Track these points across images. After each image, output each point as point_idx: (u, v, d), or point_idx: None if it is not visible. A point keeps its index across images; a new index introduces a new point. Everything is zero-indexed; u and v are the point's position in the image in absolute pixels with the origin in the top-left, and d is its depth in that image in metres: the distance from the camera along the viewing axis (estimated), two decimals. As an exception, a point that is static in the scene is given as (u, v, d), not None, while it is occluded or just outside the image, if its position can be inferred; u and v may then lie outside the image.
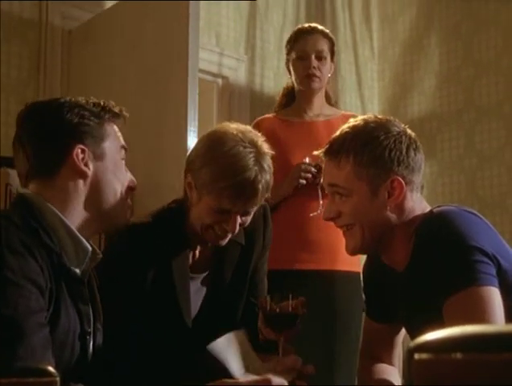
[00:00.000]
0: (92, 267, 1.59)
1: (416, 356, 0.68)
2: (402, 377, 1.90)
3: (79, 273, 1.54)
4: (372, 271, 1.85)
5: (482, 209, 4.41)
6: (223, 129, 1.80)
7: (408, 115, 4.99)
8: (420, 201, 1.68)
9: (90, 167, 1.55)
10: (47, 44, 3.62)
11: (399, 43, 5.19)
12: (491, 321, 1.45)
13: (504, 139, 4.55)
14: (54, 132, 1.53)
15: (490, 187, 4.58)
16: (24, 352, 1.31)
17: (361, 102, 5.13)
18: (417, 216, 1.64)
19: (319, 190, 2.61)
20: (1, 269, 1.34)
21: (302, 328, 2.50)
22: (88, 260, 1.55)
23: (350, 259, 2.46)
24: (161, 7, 3.09)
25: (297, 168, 2.67)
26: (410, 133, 1.67)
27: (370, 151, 1.61)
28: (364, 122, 1.67)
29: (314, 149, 2.63)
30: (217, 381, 1.49)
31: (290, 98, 2.93)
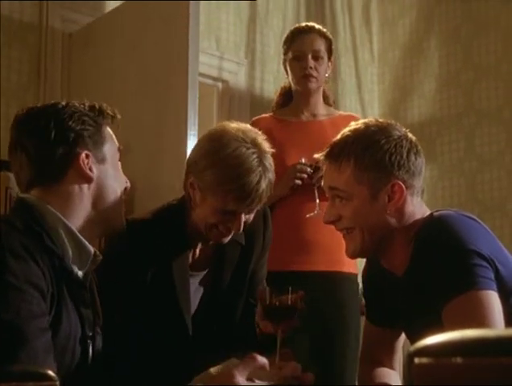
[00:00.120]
0: (92, 269, 1.59)
1: (416, 360, 0.68)
2: (402, 381, 1.90)
3: (81, 276, 1.54)
4: (372, 275, 1.85)
5: (482, 213, 4.41)
6: (224, 129, 1.79)
7: (408, 118, 4.99)
8: (420, 205, 1.67)
9: (94, 171, 1.56)
10: (48, 48, 3.62)
11: (399, 47, 5.20)
12: (490, 325, 1.45)
13: (504, 143, 4.55)
14: (59, 139, 1.53)
15: (490, 191, 4.58)
16: (26, 357, 1.30)
17: (361, 105, 5.13)
18: (417, 221, 1.64)
19: (315, 190, 2.58)
20: (3, 274, 1.34)
21: (300, 327, 2.52)
22: (90, 262, 1.56)
23: (347, 260, 2.45)
24: (161, 11, 3.10)
25: (292, 168, 2.66)
26: (411, 138, 1.66)
27: (371, 155, 1.61)
28: (365, 126, 1.67)
29: (310, 149, 2.63)
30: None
31: (287, 98, 2.90)
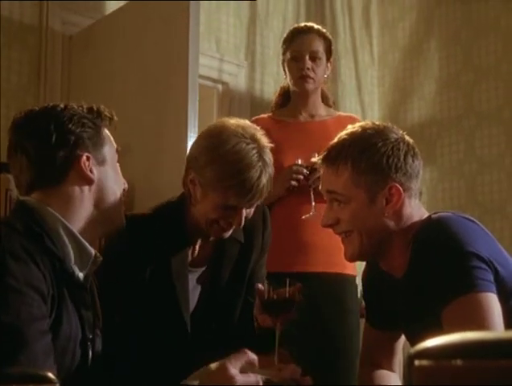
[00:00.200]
0: (93, 271, 1.59)
1: (416, 363, 0.68)
2: (402, 383, 1.90)
3: (82, 278, 1.54)
4: (371, 277, 1.85)
5: (482, 215, 4.41)
6: (223, 125, 1.80)
7: (408, 120, 5.00)
8: (418, 208, 1.68)
9: (95, 173, 1.56)
10: (48, 50, 3.62)
11: (399, 49, 5.20)
12: (490, 327, 1.45)
13: (504, 145, 4.55)
14: (60, 141, 1.54)
15: (490, 193, 4.58)
16: (26, 359, 1.30)
17: (361, 107, 5.13)
18: (415, 223, 1.64)
19: (311, 192, 2.57)
20: (3, 276, 1.34)
21: (300, 328, 2.51)
22: (90, 264, 1.56)
23: (346, 262, 2.44)
24: (161, 13, 3.10)
25: (288, 170, 2.64)
26: (408, 140, 1.67)
27: (368, 158, 1.62)
28: (362, 129, 1.67)
29: (307, 150, 2.62)
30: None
31: (286, 98, 2.89)
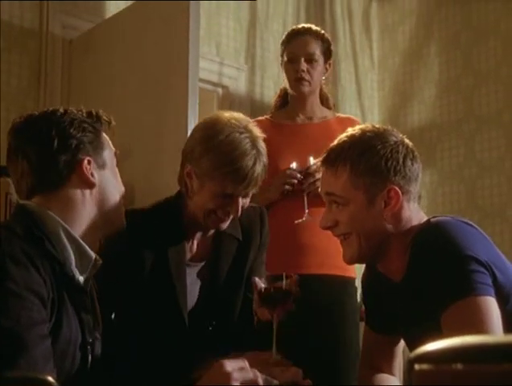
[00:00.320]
0: (93, 274, 1.59)
1: (417, 367, 0.68)
2: (402, 387, 1.89)
3: (82, 282, 1.54)
4: (370, 281, 1.85)
5: (482, 218, 4.41)
6: (217, 118, 1.88)
7: (408, 124, 5.00)
8: (417, 211, 1.68)
9: (96, 177, 1.57)
10: (48, 54, 3.62)
11: (399, 53, 5.21)
12: (489, 331, 1.45)
13: (504, 148, 4.55)
14: (62, 146, 1.54)
15: (490, 197, 4.58)
16: (26, 364, 1.30)
17: (361, 111, 5.13)
18: (414, 226, 1.64)
19: (305, 197, 2.56)
20: (3, 280, 1.34)
21: (300, 328, 2.50)
22: (90, 267, 1.56)
23: (345, 264, 2.44)
24: (161, 16, 3.10)
25: (282, 174, 2.62)
26: (407, 143, 1.67)
27: (367, 160, 1.62)
28: (361, 131, 1.67)
29: (304, 152, 2.62)
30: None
31: (285, 100, 2.88)
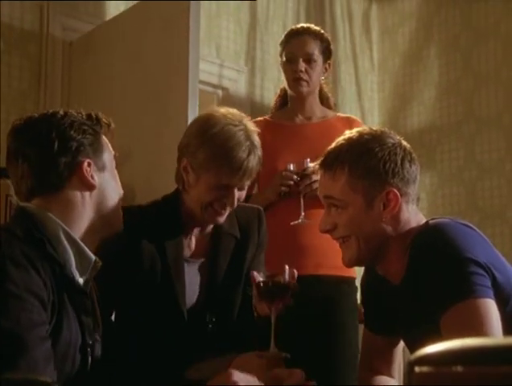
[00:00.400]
0: (92, 276, 1.59)
1: (417, 369, 0.68)
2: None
3: (82, 283, 1.54)
4: (370, 283, 1.85)
5: (482, 220, 4.41)
6: (212, 113, 1.93)
7: (408, 126, 5.00)
8: (416, 213, 1.68)
9: (96, 179, 1.57)
10: (48, 56, 3.62)
11: (399, 55, 5.21)
12: (489, 333, 1.45)
13: (504, 150, 4.55)
14: (62, 148, 1.54)
15: (490, 199, 4.58)
16: (26, 365, 1.30)
17: (361, 113, 5.13)
18: (412, 228, 1.64)
19: (301, 199, 2.54)
20: (3, 282, 1.34)
21: (300, 328, 2.50)
22: (91, 269, 1.56)
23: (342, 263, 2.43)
24: (161, 19, 3.10)
25: (279, 175, 2.61)
26: (405, 145, 1.67)
27: (365, 163, 1.62)
28: (359, 134, 1.68)
29: (302, 153, 2.61)
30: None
31: (285, 100, 2.87)
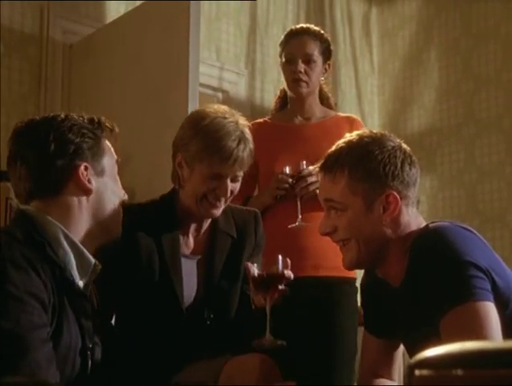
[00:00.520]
0: (92, 279, 1.59)
1: (417, 372, 0.68)
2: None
3: (82, 286, 1.54)
4: (370, 286, 1.85)
5: (482, 223, 4.41)
6: (204, 109, 2.01)
7: (408, 129, 5.00)
8: (416, 216, 1.68)
9: (93, 184, 1.57)
10: (48, 59, 3.63)
11: (399, 58, 5.21)
12: (488, 336, 1.44)
13: (504, 153, 4.55)
14: (59, 151, 1.54)
15: (490, 202, 4.58)
16: (28, 366, 1.30)
17: (361, 116, 5.12)
18: (412, 232, 1.64)
19: (298, 201, 2.52)
20: (3, 284, 1.34)
21: (299, 329, 2.49)
22: (90, 272, 1.56)
23: (341, 264, 2.41)
24: (161, 22, 3.11)
25: (274, 178, 2.59)
26: (405, 148, 1.67)
27: (365, 166, 1.62)
28: (358, 137, 1.68)
29: (301, 154, 2.61)
30: None
31: (285, 101, 2.85)
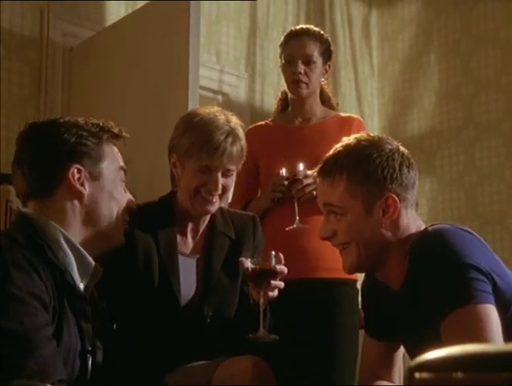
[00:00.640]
0: (93, 283, 1.59)
1: (417, 375, 0.68)
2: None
3: (83, 289, 1.54)
4: (370, 288, 1.85)
5: (482, 226, 4.41)
6: (196, 108, 2.05)
7: (408, 132, 5.00)
8: (415, 219, 1.68)
9: (86, 187, 1.55)
10: (48, 61, 3.63)
11: (399, 61, 5.22)
12: (489, 339, 1.44)
13: (504, 156, 4.56)
14: (51, 152, 1.54)
15: (490, 204, 4.58)
16: (35, 364, 1.30)
17: (361, 119, 5.13)
18: (412, 234, 1.64)
19: (295, 203, 2.51)
20: (6, 285, 1.34)
21: (300, 328, 2.49)
22: (91, 275, 1.56)
23: (341, 266, 2.40)
24: (161, 21, 3.11)
25: (271, 181, 2.59)
26: (402, 151, 1.67)
27: (363, 169, 1.62)
28: (356, 140, 1.68)
29: (299, 156, 2.60)
30: None
31: (286, 103, 2.85)
